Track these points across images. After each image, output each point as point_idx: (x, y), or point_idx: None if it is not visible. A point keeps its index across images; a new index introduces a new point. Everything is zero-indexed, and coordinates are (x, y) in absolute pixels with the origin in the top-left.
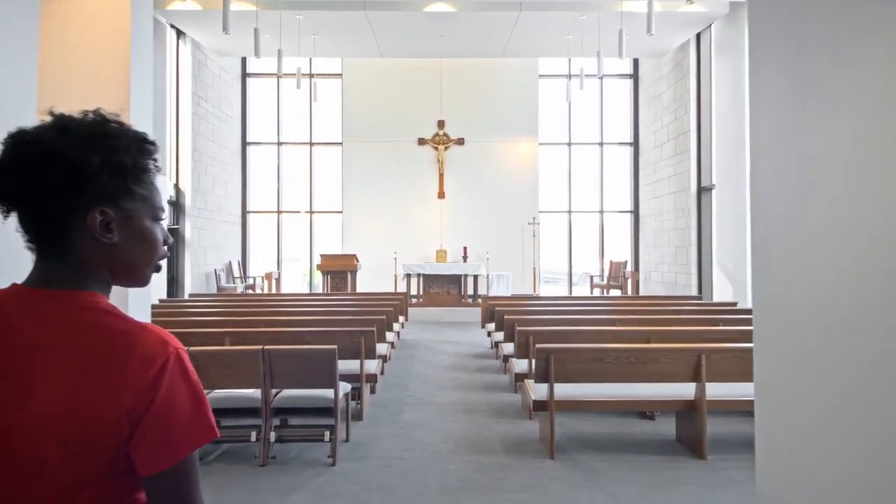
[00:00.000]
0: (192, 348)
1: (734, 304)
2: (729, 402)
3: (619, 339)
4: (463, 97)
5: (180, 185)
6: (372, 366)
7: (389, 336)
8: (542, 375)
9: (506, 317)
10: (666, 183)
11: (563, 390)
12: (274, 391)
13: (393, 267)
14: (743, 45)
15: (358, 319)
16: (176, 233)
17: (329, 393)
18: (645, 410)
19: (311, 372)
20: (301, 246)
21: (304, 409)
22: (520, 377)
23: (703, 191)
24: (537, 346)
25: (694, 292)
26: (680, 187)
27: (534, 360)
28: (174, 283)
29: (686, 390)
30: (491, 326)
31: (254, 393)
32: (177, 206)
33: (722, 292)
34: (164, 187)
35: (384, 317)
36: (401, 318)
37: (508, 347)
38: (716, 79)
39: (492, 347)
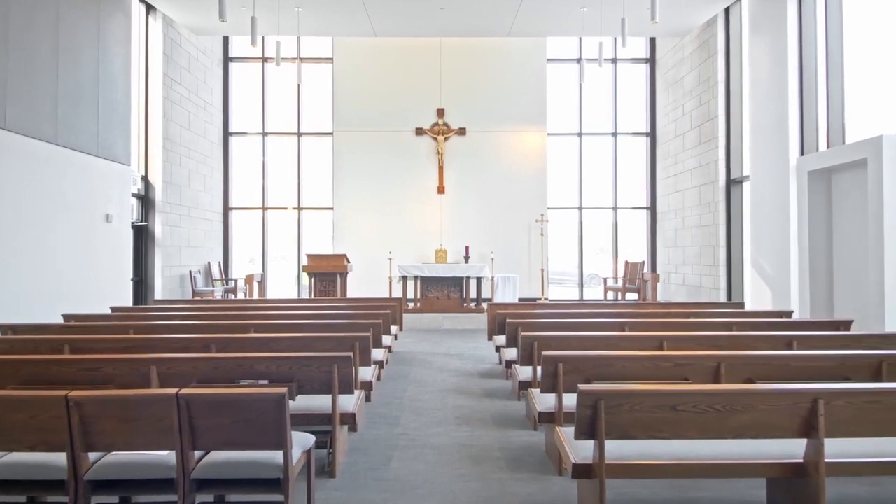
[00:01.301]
0: (73, 393)
1: (789, 313)
2: (858, 465)
3: (679, 370)
4: (464, 83)
5: (149, 178)
6: (349, 402)
7: (378, 354)
8: (588, 429)
9: (521, 333)
10: (689, 175)
11: (618, 449)
12: (197, 454)
13: (388, 268)
14: (784, 18)
15: (337, 337)
16: (144, 230)
17: (276, 457)
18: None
19: (250, 426)
20: (289, 245)
21: (243, 479)
22: (544, 417)
23: (732, 183)
24: (580, 387)
25: (722, 297)
26: (705, 180)
27: (564, 396)
28: (142, 287)
29: (789, 448)
30: (500, 340)
31: (168, 457)
32: (145, 200)
33: (757, 298)
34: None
35: (370, 333)
36: (394, 329)
37: (525, 372)
38: (749, 58)
39: (501, 364)
